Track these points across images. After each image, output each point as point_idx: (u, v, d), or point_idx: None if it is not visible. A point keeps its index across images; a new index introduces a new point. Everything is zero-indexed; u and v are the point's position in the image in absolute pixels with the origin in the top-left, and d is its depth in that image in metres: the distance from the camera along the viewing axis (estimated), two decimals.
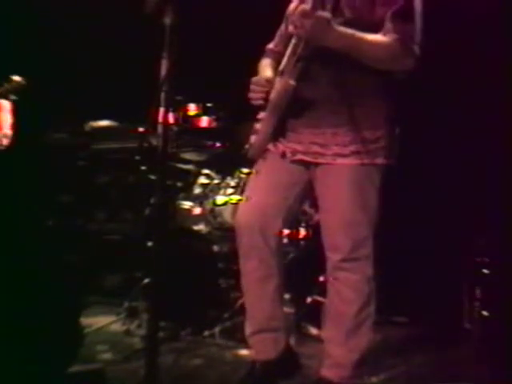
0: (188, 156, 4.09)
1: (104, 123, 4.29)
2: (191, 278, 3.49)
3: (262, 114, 2.56)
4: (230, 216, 3.63)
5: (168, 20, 2.22)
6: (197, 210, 3.88)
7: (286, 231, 3.55)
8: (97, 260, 4.09)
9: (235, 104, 3.39)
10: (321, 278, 3.48)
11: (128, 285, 3.72)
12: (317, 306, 3.36)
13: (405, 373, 3.02)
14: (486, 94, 3.81)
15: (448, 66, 3.85)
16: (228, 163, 3.92)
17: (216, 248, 3.73)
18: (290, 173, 2.62)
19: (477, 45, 3.81)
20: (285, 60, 2.50)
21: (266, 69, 2.72)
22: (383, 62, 2.45)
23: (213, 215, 3.81)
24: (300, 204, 2.80)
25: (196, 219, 3.85)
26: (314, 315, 3.25)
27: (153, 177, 3.51)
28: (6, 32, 4.09)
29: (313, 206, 3.51)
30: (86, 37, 4.50)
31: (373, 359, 2.72)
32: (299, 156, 2.58)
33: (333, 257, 2.57)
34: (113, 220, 4.39)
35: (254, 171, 2.72)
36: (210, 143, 4.03)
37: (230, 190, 3.77)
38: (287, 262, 3.38)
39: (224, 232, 3.72)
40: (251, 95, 2.60)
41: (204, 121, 3.95)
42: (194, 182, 4.04)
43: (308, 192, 2.68)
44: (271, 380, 2.68)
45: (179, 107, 3.84)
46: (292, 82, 2.47)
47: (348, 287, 2.55)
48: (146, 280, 3.38)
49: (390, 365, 3.07)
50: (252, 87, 2.60)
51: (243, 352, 3.13)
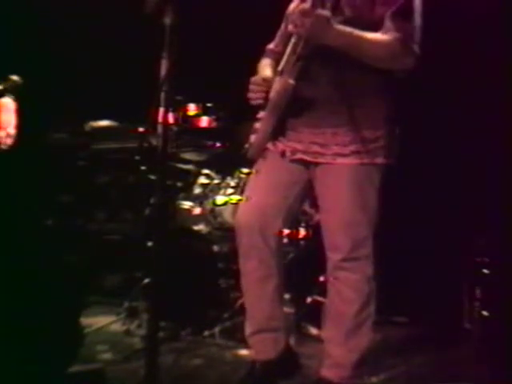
0: (188, 156, 4.09)
1: (104, 123, 4.28)
2: (191, 278, 3.49)
3: (262, 114, 2.56)
4: (230, 216, 3.63)
5: (168, 20, 2.22)
6: (197, 210, 3.88)
7: (286, 231, 3.55)
8: (97, 260, 4.08)
9: (235, 104, 3.39)
10: (321, 278, 3.48)
11: (128, 285, 3.72)
12: (317, 306, 3.36)
13: (405, 373, 3.02)
14: (486, 94, 3.81)
15: (448, 66, 3.85)
16: (228, 163, 3.92)
17: (216, 248, 3.73)
18: (290, 172, 2.62)
19: (477, 45, 3.81)
20: (284, 59, 2.50)
21: (266, 68, 2.71)
22: (383, 61, 2.45)
23: (213, 215, 3.81)
24: (300, 203, 2.80)
25: (196, 219, 3.85)
26: (314, 315, 3.24)
27: (153, 177, 3.51)
28: (6, 32, 4.08)
29: (313, 206, 3.51)
30: (86, 37, 4.50)
31: (373, 359, 2.72)
32: (299, 155, 2.58)
33: (333, 256, 2.57)
34: (113, 220, 4.38)
35: (254, 171, 2.72)
36: (210, 143, 4.02)
37: (230, 190, 3.77)
38: (287, 262, 3.38)
39: (224, 232, 3.72)
40: (250, 95, 2.60)
41: (204, 121, 3.95)
42: (194, 182, 4.04)
43: (308, 192, 2.68)
44: (271, 380, 2.68)
45: (179, 107, 3.84)
46: (291, 81, 2.47)
47: (348, 287, 2.55)
48: (146, 280, 3.38)
49: (390, 365, 3.07)
50: (251, 87, 2.59)
51: (243, 352, 3.13)
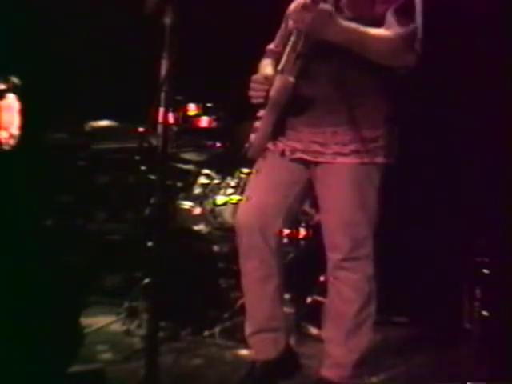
0: (188, 156, 4.09)
1: (104, 123, 4.28)
2: (191, 278, 3.49)
3: (262, 112, 2.56)
4: (230, 216, 3.63)
5: (168, 20, 2.22)
6: (197, 210, 3.88)
7: (286, 231, 3.55)
8: (97, 260, 4.08)
9: (235, 104, 3.39)
10: (321, 278, 3.49)
11: (128, 285, 3.72)
12: (317, 306, 3.36)
13: (405, 373, 3.02)
14: (486, 94, 3.81)
15: (448, 66, 3.85)
16: (228, 163, 3.92)
17: (216, 248, 3.73)
18: (290, 171, 2.62)
19: (477, 45, 3.81)
20: (284, 58, 2.49)
21: (267, 68, 2.71)
22: (385, 57, 2.43)
23: (213, 215, 3.81)
24: (300, 203, 2.80)
25: (196, 219, 3.85)
26: (314, 315, 3.25)
27: (153, 177, 3.51)
28: (6, 32, 4.08)
29: (313, 206, 3.51)
30: (86, 37, 4.50)
31: (373, 359, 2.72)
32: (298, 154, 2.57)
33: (333, 256, 2.57)
34: (113, 220, 4.38)
35: (254, 170, 2.72)
36: (210, 143, 4.02)
37: (230, 190, 3.77)
38: (287, 262, 3.38)
39: (224, 232, 3.72)
40: (251, 93, 2.59)
41: (204, 121, 3.94)
42: (194, 182, 4.04)
43: (308, 191, 2.68)
44: (271, 380, 2.68)
45: (179, 107, 3.84)
46: (291, 79, 2.47)
47: (348, 287, 2.55)
48: (146, 280, 3.38)
49: (390, 365, 3.07)
50: (252, 85, 2.59)
51: (243, 352, 3.13)
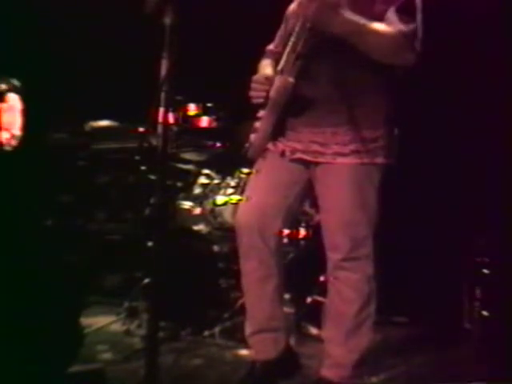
0: (188, 156, 4.09)
1: (104, 123, 4.28)
2: (191, 278, 3.49)
3: (262, 113, 2.56)
4: (230, 216, 3.63)
5: (168, 20, 2.22)
6: (197, 210, 3.88)
7: (286, 231, 3.55)
8: (97, 260, 4.08)
9: (235, 104, 3.39)
10: (321, 278, 3.48)
11: (128, 285, 3.72)
12: (317, 306, 3.36)
13: (405, 373, 3.02)
14: (486, 94, 3.81)
15: (448, 66, 3.85)
16: (228, 163, 3.92)
17: (216, 248, 3.73)
18: (290, 172, 2.62)
19: (477, 45, 3.81)
20: (284, 58, 2.50)
21: (266, 68, 2.71)
22: (385, 54, 2.42)
23: (213, 215, 3.81)
24: (300, 203, 2.80)
25: (196, 219, 3.85)
26: (314, 315, 3.24)
27: (153, 177, 3.51)
28: (6, 32, 4.08)
29: (313, 206, 3.51)
30: (86, 37, 4.50)
31: (373, 359, 2.72)
32: (298, 155, 2.57)
33: (333, 256, 2.57)
34: (113, 220, 4.38)
35: (254, 171, 2.72)
36: (210, 143, 4.02)
37: (230, 190, 3.77)
38: (287, 262, 3.38)
39: (224, 232, 3.71)
40: (252, 93, 2.59)
41: (204, 121, 3.94)
42: (194, 182, 4.04)
43: (308, 191, 2.68)
44: (271, 380, 2.68)
45: (179, 107, 3.84)
46: (291, 80, 2.47)
47: (348, 287, 2.55)
48: (146, 280, 3.38)
49: (390, 365, 3.07)
50: (252, 85, 2.59)
51: (243, 352, 3.13)
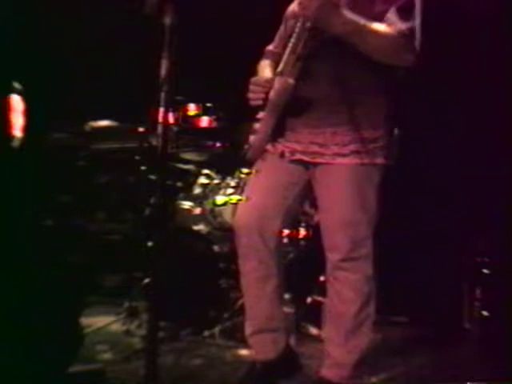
0: (188, 156, 4.09)
1: (104, 123, 4.28)
2: (191, 278, 3.49)
3: (262, 114, 2.55)
4: (230, 216, 3.63)
5: (168, 20, 2.22)
6: (197, 210, 3.88)
7: (286, 231, 3.55)
8: (97, 260, 4.08)
9: (235, 104, 3.39)
10: (321, 278, 3.49)
11: (128, 285, 3.72)
12: (317, 306, 3.36)
13: (405, 373, 3.02)
14: (487, 94, 3.81)
15: (448, 66, 3.85)
16: (228, 163, 3.92)
17: (216, 248, 3.73)
18: (290, 173, 2.62)
19: (477, 45, 3.81)
20: (283, 60, 2.49)
21: (266, 69, 2.71)
22: (385, 54, 2.42)
23: (213, 215, 3.81)
24: (300, 204, 2.79)
25: (196, 219, 3.85)
26: (314, 315, 3.25)
27: (153, 177, 3.51)
28: (6, 32, 4.07)
29: (313, 206, 3.51)
30: (86, 37, 4.50)
31: (373, 359, 2.72)
32: (298, 156, 2.57)
33: (332, 257, 2.56)
34: (113, 220, 4.38)
35: (254, 171, 2.72)
36: (210, 143, 4.02)
37: (230, 190, 3.77)
38: (287, 262, 3.38)
39: (224, 232, 3.72)
40: (250, 95, 2.59)
41: (204, 121, 3.95)
42: (194, 182, 4.04)
43: (308, 192, 2.67)
44: (271, 380, 2.68)
45: (179, 107, 3.84)
46: (291, 81, 2.46)
47: (348, 287, 2.55)
48: (146, 280, 3.38)
49: (390, 365, 3.07)
50: (251, 87, 2.59)
51: (243, 352, 3.13)
